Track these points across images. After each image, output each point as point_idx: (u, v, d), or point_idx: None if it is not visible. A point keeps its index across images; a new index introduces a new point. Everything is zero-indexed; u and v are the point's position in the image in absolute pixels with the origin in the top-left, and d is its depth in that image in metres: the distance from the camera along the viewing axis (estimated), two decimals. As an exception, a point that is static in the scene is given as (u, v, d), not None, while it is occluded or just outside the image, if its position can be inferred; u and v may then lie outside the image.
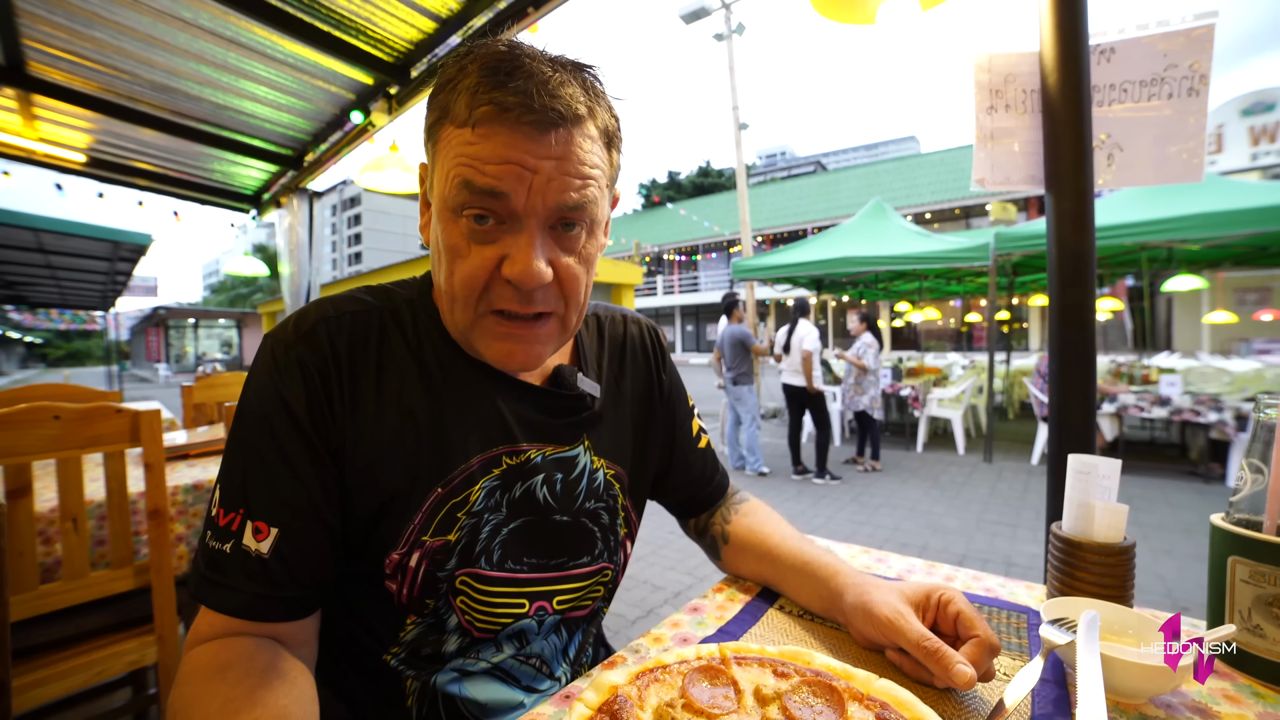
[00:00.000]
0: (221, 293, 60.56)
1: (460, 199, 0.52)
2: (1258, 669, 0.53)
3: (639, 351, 0.78)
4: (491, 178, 0.50)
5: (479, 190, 0.50)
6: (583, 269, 0.57)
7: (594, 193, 0.54)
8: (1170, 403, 4.84)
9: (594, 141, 0.54)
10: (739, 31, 11.05)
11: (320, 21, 2.49)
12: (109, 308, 13.34)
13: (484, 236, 0.53)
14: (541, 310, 0.56)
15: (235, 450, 0.54)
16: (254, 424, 0.53)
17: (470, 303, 0.55)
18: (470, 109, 0.50)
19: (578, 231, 0.55)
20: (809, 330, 5.01)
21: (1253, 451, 0.56)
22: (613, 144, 0.58)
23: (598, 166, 0.55)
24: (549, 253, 0.54)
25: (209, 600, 0.51)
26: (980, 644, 0.50)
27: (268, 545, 0.51)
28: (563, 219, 0.54)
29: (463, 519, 0.58)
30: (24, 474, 1.08)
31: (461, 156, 0.51)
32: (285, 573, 0.51)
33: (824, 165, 52.96)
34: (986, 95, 1.22)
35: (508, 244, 0.53)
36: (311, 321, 0.57)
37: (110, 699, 1.58)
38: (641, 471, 0.75)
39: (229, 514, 0.52)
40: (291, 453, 0.53)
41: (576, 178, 0.52)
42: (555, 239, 0.55)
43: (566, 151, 0.51)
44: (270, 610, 0.51)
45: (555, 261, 0.55)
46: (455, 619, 0.59)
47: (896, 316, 12.18)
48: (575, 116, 0.51)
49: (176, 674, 0.49)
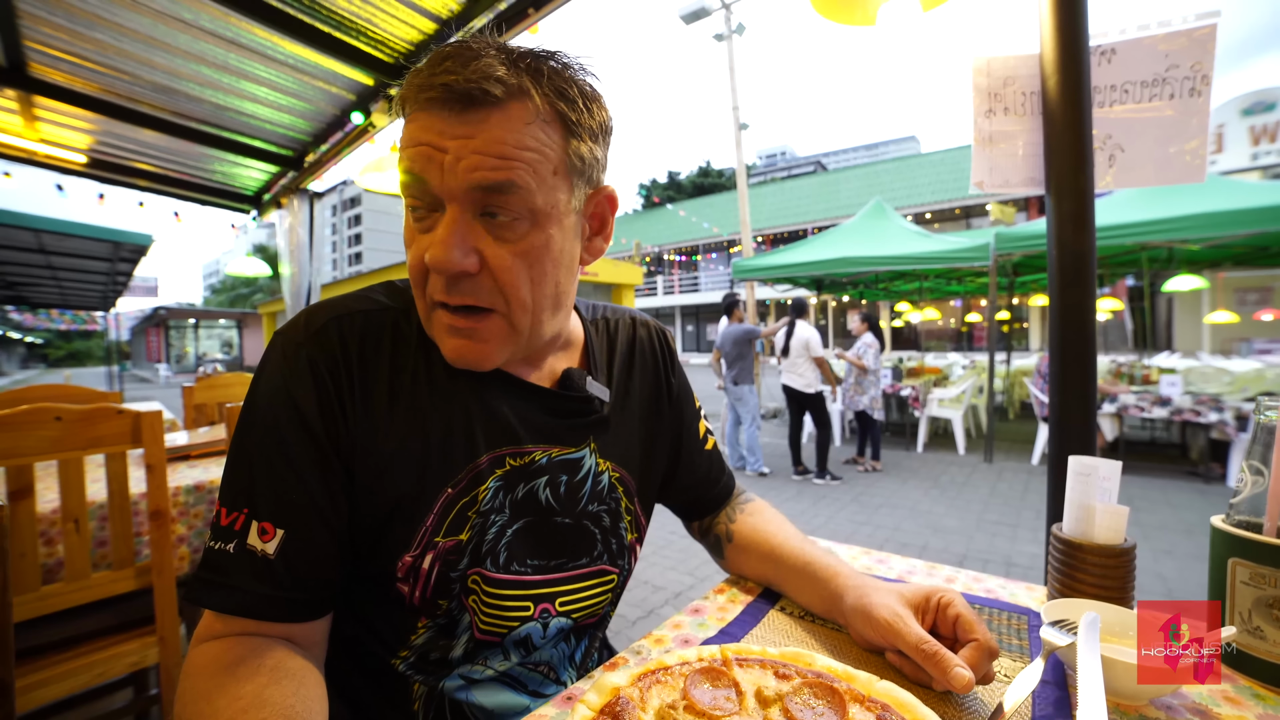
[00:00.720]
0: (222, 293, 60.62)
1: (403, 189, 0.54)
2: (1258, 670, 0.53)
3: (648, 354, 0.77)
4: (409, 160, 0.51)
5: (404, 180, 0.52)
6: (521, 263, 0.54)
7: (524, 177, 0.51)
8: (1171, 403, 4.84)
9: (529, 124, 0.51)
10: (739, 31, 11.05)
11: (320, 22, 2.49)
12: (109, 308, 13.34)
13: (422, 226, 0.54)
14: (471, 303, 0.54)
15: (241, 450, 0.53)
16: (262, 424, 0.53)
17: (420, 295, 0.56)
18: (405, 101, 0.53)
19: (512, 220, 0.52)
20: (811, 332, 5.00)
21: (1253, 453, 0.57)
22: (572, 130, 0.54)
23: (530, 149, 0.51)
24: (474, 240, 0.52)
25: (207, 600, 0.50)
26: (979, 647, 0.50)
27: (274, 546, 0.50)
28: (487, 205, 0.52)
29: (473, 518, 0.58)
30: (25, 475, 1.08)
31: (400, 148, 0.53)
32: (291, 574, 0.51)
33: (824, 165, 52.91)
34: (985, 99, 1.22)
35: (438, 232, 0.53)
36: (322, 320, 0.56)
37: (112, 700, 1.58)
38: (649, 474, 0.74)
39: (232, 513, 0.51)
40: (299, 454, 0.52)
41: (494, 156, 0.50)
42: (486, 227, 0.53)
43: (481, 130, 0.50)
44: (276, 611, 0.50)
45: (483, 251, 0.53)
46: (468, 618, 0.59)
47: (896, 316, 12.18)
48: (491, 95, 0.49)
49: (184, 665, 0.49)
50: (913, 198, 19.82)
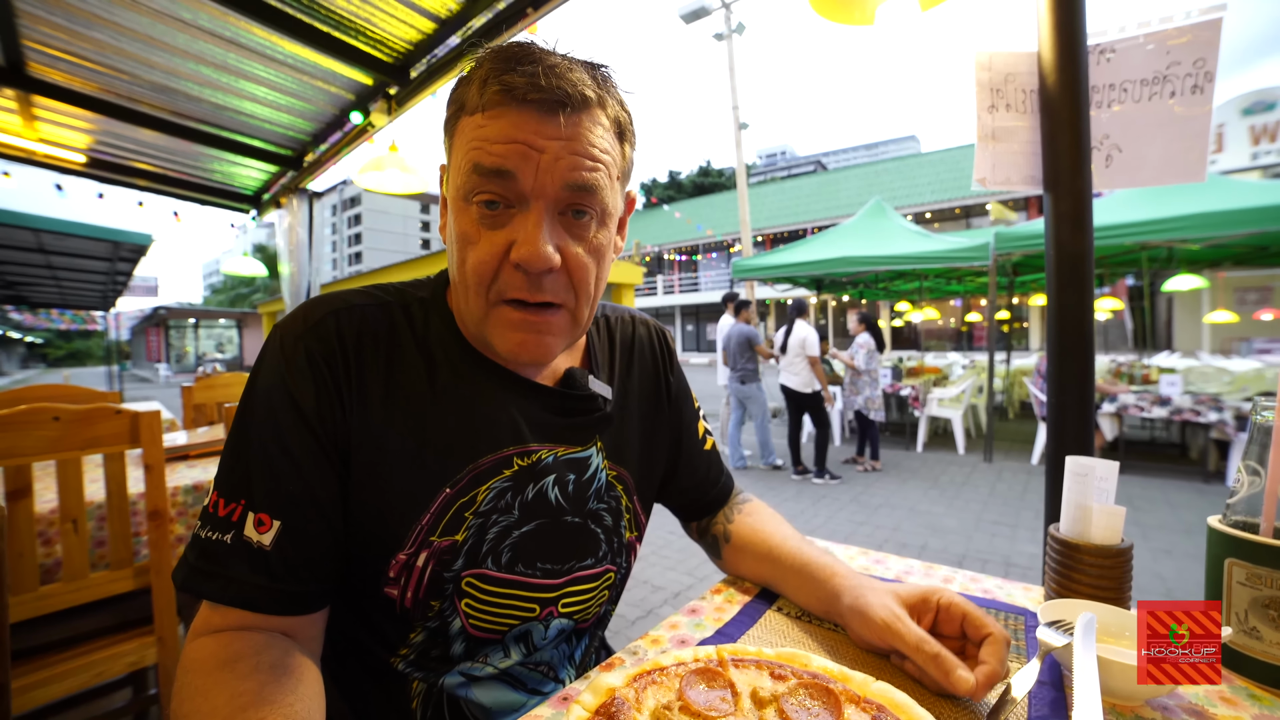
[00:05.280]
0: (222, 293, 60.65)
1: (471, 183, 0.52)
2: (1254, 671, 0.53)
3: (647, 353, 0.78)
4: (499, 156, 0.51)
5: (488, 171, 0.51)
6: (593, 260, 0.57)
7: (604, 179, 0.54)
8: (1170, 402, 4.84)
9: (604, 130, 0.55)
10: (739, 31, 11.06)
11: (320, 22, 2.49)
12: (109, 308, 13.33)
13: (494, 222, 0.53)
14: (550, 300, 0.55)
15: (239, 441, 0.53)
16: (259, 416, 0.53)
17: (481, 291, 0.55)
18: (481, 94, 0.52)
19: (588, 220, 0.55)
20: (808, 332, 4.97)
21: (1249, 454, 0.57)
22: (624, 137, 0.59)
23: (608, 153, 0.55)
24: (557, 239, 0.54)
25: (204, 589, 0.49)
26: (996, 641, 0.50)
27: (270, 538, 0.50)
28: (573, 204, 0.54)
29: (470, 519, 0.58)
30: (24, 475, 1.08)
31: (473, 142, 0.52)
32: (287, 566, 0.51)
33: (824, 165, 52.94)
34: (987, 94, 1.21)
35: (516, 228, 0.53)
36: (321, 313, 0.56)
37: (110, 700, 1.58)
38: (649, 473, 0.75)
39: (229, 504, 0.51)
40: (296, 446, 0.52)
41: (585, 158, 0.52)
42: (565, 226, 0.55)
43: (574, 133, 0.52)
44: (272, 603, 0.50)
45: (564, 249, 0.54)
46: (459, 623, 0.59)
47: (896, 316, 12.18)
48: (583, 99, 0.52)
49: (181, 660, 0.48)
50: (913, 197, 19.81)
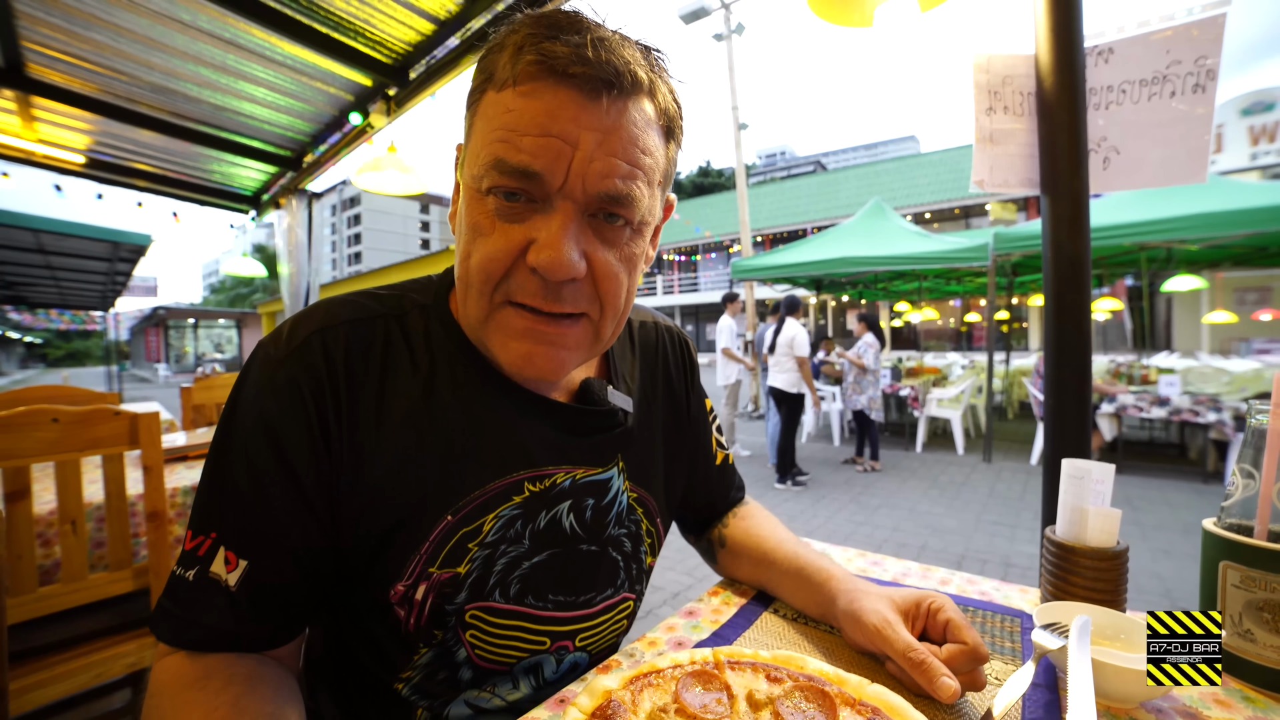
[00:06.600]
0: (221, 293, 60.70)
1: (490, 179, 0.46)
2: (1248, 674, 0.53)
3: (670, 365, 0.72)
4: (526, 154, 0.44)
5: (511, 169, 0.45)
6: (624, 270, 0.51)
7: (641, 188, 0.48)
8: (1169, 403, 4.84)
9: (651, 124, 0.48)
10: (739, 31, 11.05)
11: (319, 24, 2.49)
12: (109, 308, 13.33)
13: (512, 215, 0.47)
14: (570, 310, 0.49)
15: (214, 473, 0.49)
16: (234, 448, 0.48)
17: (486, 290, 0.48)
18: (515, 63, 0.45)
19: (621, 225, 0.49)
20: (798, 330, 4.69)
21: (1244, 457, 0.57)
22: (672, 134, 0.52)
23: (651, 155, 0.48)
24: (585, 243, 0.48)
25: (163, 633, 0.47)
26: (964, 651, 0.50)
27: (235, 578, 0.47)
28: (605, 208, 0.47)
29: (474, 550, 0.53)
30: (23, 476, 1.09)
31: (498, 130, 0.45)
32: (252, 607, 0.47)
33: (824, 165, 52.92)
34: (986, 96, 1.21)
35: (538, 225, 0.46)
36: (305, 333, 0.51)
37: (109, 700, 1.58)
38: (671, 494, 0.70)
39: (197, 536, 0.48)
40: (269, 484, 0.48)
41: (625, 161, 0.46)
42: (595, 229, 0.48)
43: (617, 123, 0.45)
44: (232, 645, 0.47)
45: (591, 255, 0.48)
46: (464, 652, 0.55)
47: (896, 316, 12.19)
48: (634, 81, 0.46)
49: (149, 685, 0.45)
50: (912, 198, 19.81)
